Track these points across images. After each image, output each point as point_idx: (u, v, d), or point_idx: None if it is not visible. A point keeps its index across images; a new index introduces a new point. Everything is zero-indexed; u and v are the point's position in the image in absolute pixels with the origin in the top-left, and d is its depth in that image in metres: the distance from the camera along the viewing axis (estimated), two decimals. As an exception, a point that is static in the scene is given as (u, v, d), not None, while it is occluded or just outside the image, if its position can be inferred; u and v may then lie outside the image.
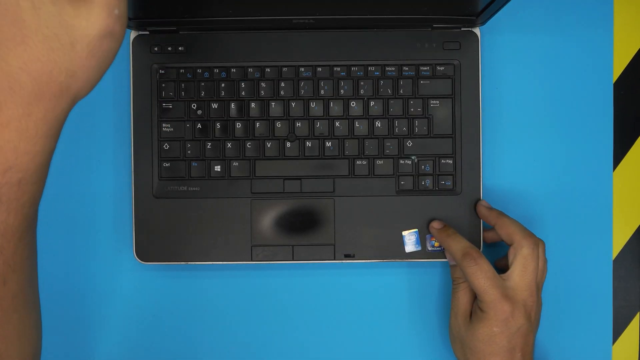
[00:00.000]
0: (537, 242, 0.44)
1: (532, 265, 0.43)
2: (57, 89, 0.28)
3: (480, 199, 0.49)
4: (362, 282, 0.51)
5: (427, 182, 0.49)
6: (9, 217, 0.29)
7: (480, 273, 0.43)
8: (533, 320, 0.43)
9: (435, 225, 0.48)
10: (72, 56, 0.28)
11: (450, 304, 0.47)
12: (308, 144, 0.49)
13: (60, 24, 0.27)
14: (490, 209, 0.48)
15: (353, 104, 0.49)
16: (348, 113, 0.49)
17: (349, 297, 0.51)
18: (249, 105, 0.49)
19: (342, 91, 0.49)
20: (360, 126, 0.49)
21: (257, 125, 0.49)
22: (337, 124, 0.49)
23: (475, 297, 0.45)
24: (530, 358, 0.44)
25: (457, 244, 0.45)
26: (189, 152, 0.49)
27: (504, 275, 0.44)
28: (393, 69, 0.49)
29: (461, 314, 0.46)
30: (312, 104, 0.49)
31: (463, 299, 0.46)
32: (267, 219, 0.49)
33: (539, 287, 0.44)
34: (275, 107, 0.49)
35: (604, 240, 0.51)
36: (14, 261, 0.30)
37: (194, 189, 0.49)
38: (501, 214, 0.47)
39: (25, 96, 0.27)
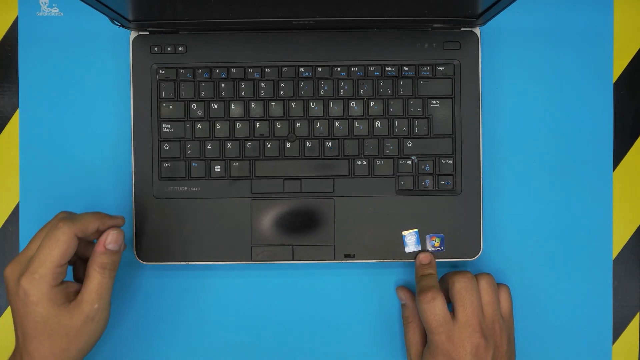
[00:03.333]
0: (470, 277, 0.44)
1: (468, 299, 0.43)
2: None
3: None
4: (362, 282, 0.51)
5: (427, 182, 0.49)
6: None
7: (432, 311, 0.43)
8: (484, 357, 0.43)
9: (423, 259, 0.48)
10: (66, 340, 0.41)
11: (406, 343, 0.48)
12: (308, 144, 0.49)
13: (59, 324, 0.40)
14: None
15: (353, 104, 0.49)
16: (348, 113, 0.49)
17: (349, 297, 0.51)
18: (249, 106, 0.49)
19: (342, 91, 0.49)
20: (360, 126, 0.49)
21: (257, 125, 0.49)
22: (337, 124, 0.49)
23: (425, 336, 0.46)
24: None
25: (427, 282, 0.45)
26: (189, 152, 0.49)
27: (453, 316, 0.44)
28: (393, 69, 0.49)
29: (414, 352, 0.47)
30: (312, 104, 0.49)
31: (414, 338, 0.47)
32: (267, 219, 0.49)
33: (492, 320, 0.44)
34: (275, 107, 0.49)
35: (604, 240, 0.51)
36: None
37: (194, 189, 0.49)
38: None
39: (44, 349, 0.41)
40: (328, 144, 0.49)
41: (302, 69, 0.49)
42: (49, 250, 0.40)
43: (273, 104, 0.49)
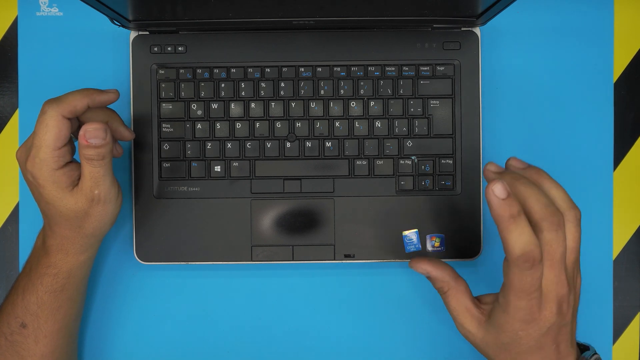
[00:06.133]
0: (559, 222, 0.35)
1: (558, 252, 0.35)
2: (82, 237, 0.44)
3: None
4: (362, 282, 0.51)
5: (427, 182, 0.49)
6: (44, 296, 0.43)
7: (530, 278, 0.35)
8: (566, 311, 0.36)
9: (492, 168, 0.38)
10: (76, 220, 0.42)
11: (451, 316, 0.41)
12: (308, 144, 0.49)
13: (66, 207, 0.41)
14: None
15: (353, 104, 0.49)
16: (348, 113, 0.49)
17: (349, 297, 0.51)
18: (249, 106, 0.49)
19: (342, 91, 0.49)
20: (360, 126, 0.49)
21: (257, 125, 0.49)
22: (337, 124, 0.49)
23: (470, 297, 0.40)
24: (568, 346, 0.38)
25: (520, 236, 0.34)
26: (189, 152, 0.49)
27: None
28: (393, 69, 0.49)
29: (466, 318, 0.40)
30: (312, 104, 0.49)
31: (459, 304, 0.40)
32: (267, 219, 0.49)
33: (572, 268, 0.37)
34: (275, 107, 0.49)
35: (604, 240, 0.51)
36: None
37: (194, 189, 0.49)
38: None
39: (62, 227, 0.43)
40: (328, 144, 0.49)
41: (302, 69, 0.49)
42: (42, 135, 0.39)
43: (273, 104, 0.49)
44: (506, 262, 0.36)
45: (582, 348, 0.41)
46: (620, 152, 0.51)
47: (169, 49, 0.49)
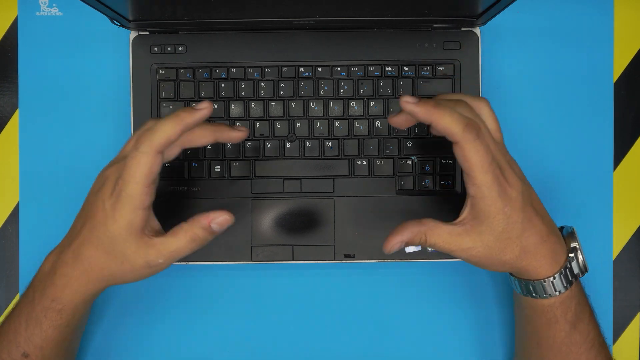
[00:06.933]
0: (472, 127, 0.37)
1: (484, 129, 0.38)
2: (100, 280, 0.41)
3: None
4: (362, 282, 0.51)
5: (428, 182, 0.49)
6: (48, 330, 0.41)
7: (483, 146, 0.37)
8: (521, 175, 0.40)
9: (409, 99, 0.37)
10: (116, 266, 0.40)
11: (450, 253, 0.40)
12: (308, 144, 0.49)
13: (121, 251, 0.39)
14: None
15: (353, 104, 0.49)
16: (348, 113, 0.49)
17: (349, 297, 0.51)
18: (249, 105, 0.49)
19: (342, 91, 0.49)
20: (360, 126, 0.49)
21: (257, 125, 0.49)
22: (337, 124, 0.49)
23: (446, 223, 0.40)
24: (546, 214, 0.41)
25: (452, 114, 0.37)
26: (188, 152, 0.49)
27: None
28: (393, 69, 0.49)
29: (459, 240, 0.39)
30: (312, 104, 0.49)
31: (441, 237, 0.39)
32: (267, 219, 0.49)
33: (503, 145, 0.41)
34: (275, 107, 0.49)
35: (604, 240, 0.51)
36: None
37: (194, 189, 0.49)
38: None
39: (82, 270, 0.40)
40: (328, 144, 0.49)
41: (302, 69, 0.49)
42: (133, 171, 0.37)
43: (273, 104, 0.49)
44: (464, 161, 0.38)
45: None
46: (620, 152, 0.51)
47: (169, 49, 0.49)
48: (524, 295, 0.42)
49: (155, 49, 0.49)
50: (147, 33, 0.49)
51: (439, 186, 0.49)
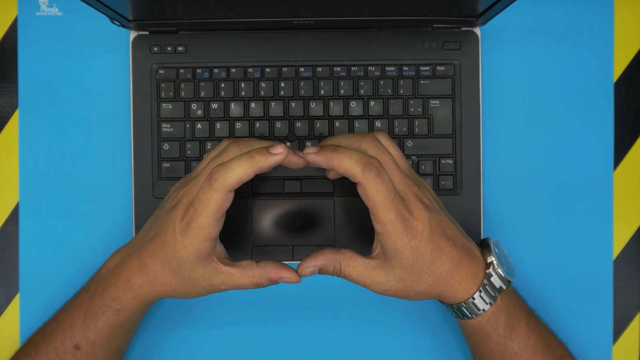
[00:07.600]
0: (371, 166, 0.37)
1: (388, 161, 0.39)
2: (162, 292, 0.42)
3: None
4: (362, 282, 0.51)
5: (428, 182, 0.49)
6: (103, 327, 0.42)
7: (384, 184, 0.37)
8: (430, 204, 0.40)
9: (310, 150, 0.39)
10: (180, 285, 0.41)
11: (361, 285, 0.42)
12: (308, 143, 0.49)
13: (187, 274, 0.41)
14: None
15: (353, 104, 0.49)
16: (348, 113, 0.49)
17: (348, 297, 0.51)
18: (249, 105, 0.49)
19: (342, 91, 0.49)
20: (360, 126, 0.49)
21: (257, 125, 0.49)
22: (337, 124, 0.49)
23: (361, 256, 0.41)
24: (462, 239, 0.41)
25: (352, 156, 0.37)
26: (189, 152, 0.49)
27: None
28: (393, 69, 0.49)
29: (371, 274, 0.41)
30: (312, 104, 0.49)
31: (355, 269, 0.41)
32: (267, 219, 0.49)
33: (409, 172, 0.41)
34: (275, 107, 0.49)
35: (604, 240, 0.51)
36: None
37: (194, 189, 0.49)
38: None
39: (146, 280, 0.42)
40: (328, 144, 0.49)
41: (302, 69, 0.49)
42: (205, 205, 0.38)
43: (273, 103, 0.49)
44: (367, 200, 0.38)
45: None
46: (620, 152, 0.51)
47: (169, 49, 0.49)
48: (456, 317, 0.43)
49: (155, 49, 0.49)
50: (147, 33, 0.49)
51: (439, 186, 0.49)
